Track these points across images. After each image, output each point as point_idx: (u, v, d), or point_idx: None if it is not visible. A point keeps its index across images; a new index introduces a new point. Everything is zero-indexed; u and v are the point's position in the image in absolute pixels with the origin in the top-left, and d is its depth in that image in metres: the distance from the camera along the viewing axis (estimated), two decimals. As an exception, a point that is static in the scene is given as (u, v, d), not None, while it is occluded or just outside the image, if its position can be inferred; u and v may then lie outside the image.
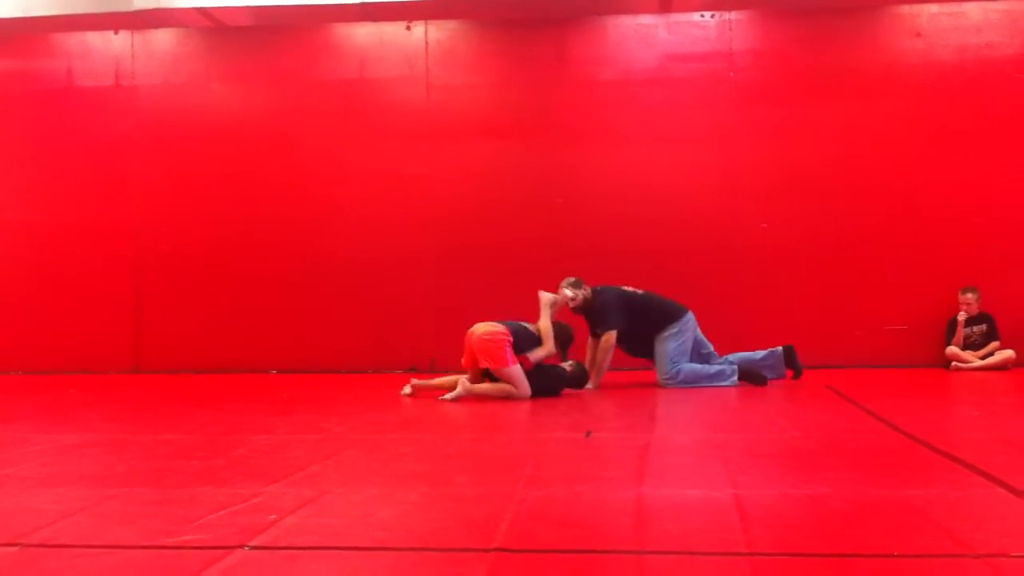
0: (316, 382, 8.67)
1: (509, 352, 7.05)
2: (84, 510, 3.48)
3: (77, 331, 9.99)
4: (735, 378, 7.83)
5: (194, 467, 4.36)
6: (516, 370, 7.06)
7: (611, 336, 7.66)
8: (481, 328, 7.20)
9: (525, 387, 7.06)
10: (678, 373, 7.72)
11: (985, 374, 8.61)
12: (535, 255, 9.31)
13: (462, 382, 7.11)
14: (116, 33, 10.05)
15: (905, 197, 9.36)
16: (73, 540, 3.09)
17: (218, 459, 4.56)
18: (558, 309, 7.57)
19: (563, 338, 7.43)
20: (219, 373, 9.47)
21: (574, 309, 7.79)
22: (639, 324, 7.76)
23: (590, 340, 7.96)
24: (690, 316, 7.89)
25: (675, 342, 7.78)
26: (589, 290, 7.79)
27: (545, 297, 7.47)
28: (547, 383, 7.21)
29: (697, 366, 7.84)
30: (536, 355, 7.19)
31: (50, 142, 10.15)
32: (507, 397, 7.04)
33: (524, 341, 7.16)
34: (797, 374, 8.04)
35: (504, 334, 7.10)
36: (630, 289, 7.90)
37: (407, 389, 7.41)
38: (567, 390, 7.40)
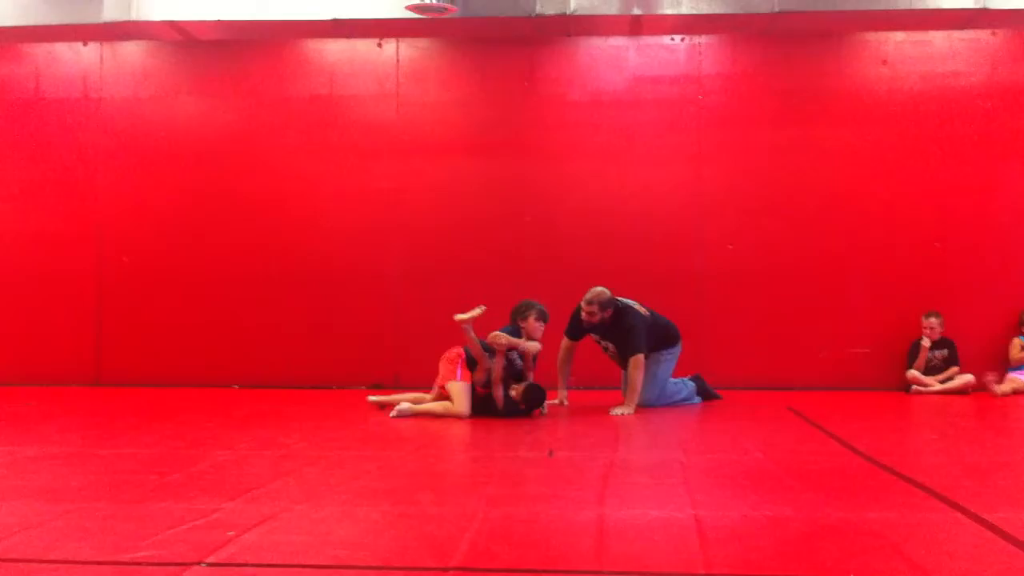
0: (278, 397, 8.61)
1: (459, 369, 7.21)
2: (40, 524, 3.43)
3: (37, 343, 9.87)
4: (698, 397, 8.14)
5: (153, 482, 4.32)
6: (458, 387, 7.16)
7: (640, 358, 7.56)
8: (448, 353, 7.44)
9: (463, 404, 7.10)
10: (661, 395, 7.83)
11: (945, 398, 8.69)
12: (502, 272, 9.32)
13: (409, 402, 7.27)
14: (85, 44, 9.97)
15: (869, 222, 9.46)
16: (28, 555, 3.05)
17: (177, 474, 4.52)
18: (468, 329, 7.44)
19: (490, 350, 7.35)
20: (181, 387, 9.37)
21: (586, 325, 7.77)
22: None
23: (564, 341, 7.93)
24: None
25: (669, 365, 7.93)
26: (610, 312, 7.65)
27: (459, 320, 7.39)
28: (515, 407, 7.22)
29: (672, 388, 7.98)
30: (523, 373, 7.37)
31: (16, 152, 10.03)
32: (447, 413, 7.09)
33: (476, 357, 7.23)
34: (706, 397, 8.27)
35: (458, 354, 7.29)
36: (643, 312, 7.82)
37: (404, 406, 7.33)
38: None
